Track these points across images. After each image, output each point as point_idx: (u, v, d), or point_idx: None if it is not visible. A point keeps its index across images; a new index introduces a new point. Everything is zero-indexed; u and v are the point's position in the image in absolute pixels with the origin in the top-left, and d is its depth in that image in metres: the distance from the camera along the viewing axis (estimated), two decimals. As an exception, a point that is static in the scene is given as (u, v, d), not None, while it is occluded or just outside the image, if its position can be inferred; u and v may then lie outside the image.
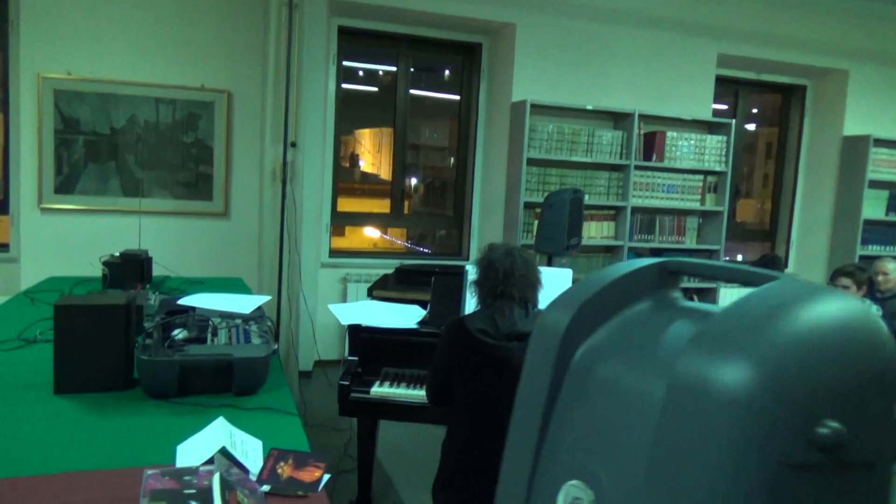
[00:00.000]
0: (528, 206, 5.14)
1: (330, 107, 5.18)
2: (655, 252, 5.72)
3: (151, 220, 4.56)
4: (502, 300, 2.26)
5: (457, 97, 5.71)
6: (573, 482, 0.67)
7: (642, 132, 5.44)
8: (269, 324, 2.42)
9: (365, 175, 6.29)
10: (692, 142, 5.56)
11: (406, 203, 5.70)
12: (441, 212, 5.94)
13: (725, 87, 6.36)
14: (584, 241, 5.36)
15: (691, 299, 4.18)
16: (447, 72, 5.85)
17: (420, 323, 2.88)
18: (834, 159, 6.33)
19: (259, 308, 2.59)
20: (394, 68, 5.50)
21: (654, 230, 5.61)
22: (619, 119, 5.50)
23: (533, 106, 5.06)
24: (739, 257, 6.93)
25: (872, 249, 6.23)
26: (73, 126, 4.39)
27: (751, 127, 6.80)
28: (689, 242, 5.72)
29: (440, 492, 2.28)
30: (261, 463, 1.49)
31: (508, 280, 2.26)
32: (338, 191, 5.44)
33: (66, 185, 4.42)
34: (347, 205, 5.65)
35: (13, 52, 4.37)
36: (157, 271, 3.72)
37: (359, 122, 5.98)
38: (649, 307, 0.76)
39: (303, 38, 4.18)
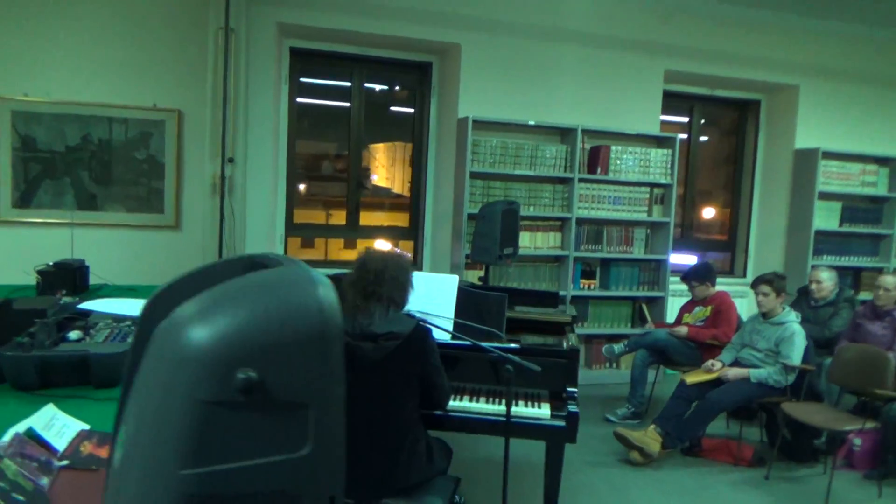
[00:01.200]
0: (473, 217, 5.30)
1: (283, 123, 5.41)
2: (605, 262, 5.86)
3: (105, 233, 4.82)
4: (369, 300, 2.44)
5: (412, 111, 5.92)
6: (123, 427, 0.84)
7: (586, 146, 5.60)
8: None
9: (377, 188, 6.45)
10: (637, 155, 5.71)
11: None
12: (399, 223, 6.13)
13: (681, 102, 6.51)
14: (531, 252, 5.54)
15: (640, 308, 4.28)
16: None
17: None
18: (787, 171, 6.44)
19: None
20: (348, 84, 5.71)
21: (601, 240, 5.75)
22: (564, 134, 5.67)
23: (476, 122, 5.26)
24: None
25: (827, 259, 6.32)
26: (30, 145, 4.66)
27: (706, 138, 6.92)
28: (637, 252, 5.86)
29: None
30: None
31: (378, 280, 2.44)
32: (295, 202, 5.66)
33: (23, 199, 4.68)
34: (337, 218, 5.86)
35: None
36: (101, 280, 3.93)
37: (326, 136, 6.19)
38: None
39: (241, 60, 4.41)
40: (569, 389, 2.78)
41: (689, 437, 4.14)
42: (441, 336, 2.76)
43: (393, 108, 6.09)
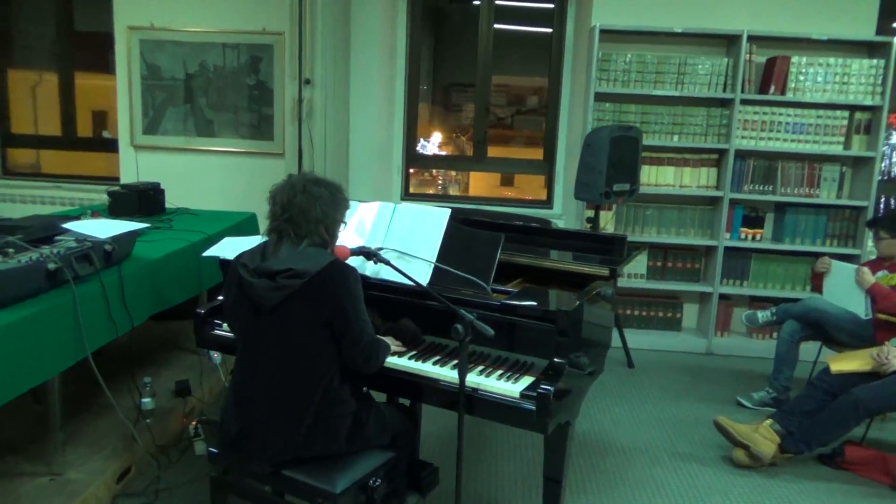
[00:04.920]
0: (599, 148, 4.49)
1: (400, 48, 5.02)
2: (779, 207, 4.66)
3: (219, 159, 4.95)
4: (276, 234, 2.06)
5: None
6: None
7: (755, 58, 4.40)
8: (96, 244, 2.48)
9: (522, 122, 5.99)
10: (831, 68, 4.36)
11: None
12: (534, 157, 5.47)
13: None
14: (675, 191, 4.60)
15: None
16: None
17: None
18: None
19: (129, 233, 2.67)
20: (477, 1, 5.13)
21: (774, 179, 4.55)
22: (725, 43, 4.52)
23: (605, 32, 4.39)
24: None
25: None
26: (155, 73, 4.87)
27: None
28: (827, 196, 4.55)
29: (222, 422, 2.17)
30: None
31: (284, 214, 2.04)
32: (416, 130, 5.30)
33: (151, 126, 4.95)
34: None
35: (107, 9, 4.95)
36: (174, 205, 4.01)
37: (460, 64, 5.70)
38: None
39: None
40: (555, 361, 2.11)
41: (818, 443, 3.09)
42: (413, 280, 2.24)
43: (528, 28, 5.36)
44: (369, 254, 2.32)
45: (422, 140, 5.55)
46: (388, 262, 2.28)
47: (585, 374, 2.31)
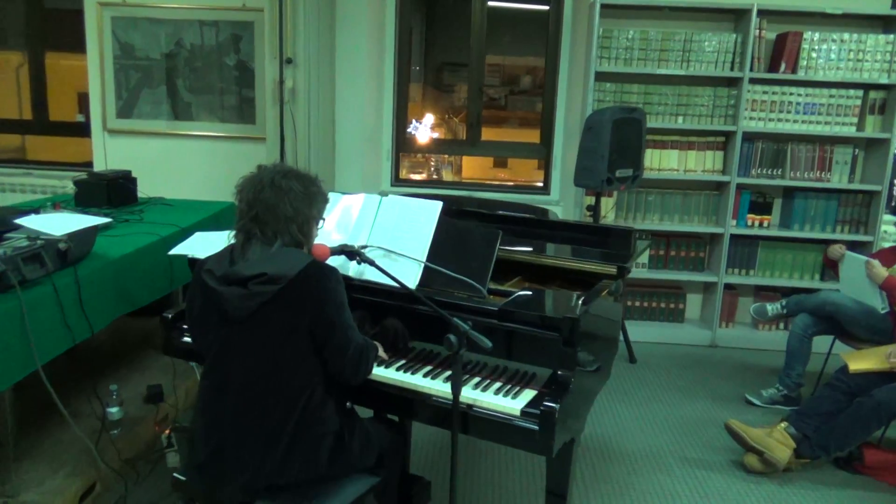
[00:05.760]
0: (599, 131, 4.25)
1: (389, 25, 4.74)
2: (788, 192, 4.45)
3: (199, 144, 4.68)
4: (244, 235, 1.82)
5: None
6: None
7: (765, 34, 4.15)
8: (49, 242, 2.23)
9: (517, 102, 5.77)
10: (845, 45, 4.12)
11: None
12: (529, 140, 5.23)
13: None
14: (680, 176, 4.37)
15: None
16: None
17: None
18: None
19: (89, 228, 2.43)
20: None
21: (783, 163, 4.33)
22: (733, 18, 4.28)
23: (607, 6, 4.13)
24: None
25: None
26: (129, 52, 4.59)
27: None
28: (839, 180, 4.33)
29: (190, 445, 1.96)
30: None
31: (250, 212, 1.80)
32: (405, 117, 5.04)
33: (125, 109, 4.67)
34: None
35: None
36: (148, 194, 3.75)
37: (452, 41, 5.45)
38: None
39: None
40: (560, 374, 1.89)
41: (837, 448, 2.89)
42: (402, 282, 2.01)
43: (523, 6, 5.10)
44: (352, 253, 2.08)
45: (414, 121, 5.31)
46: (372, 263, 2.04)
47: (591, 372, 2.09)
